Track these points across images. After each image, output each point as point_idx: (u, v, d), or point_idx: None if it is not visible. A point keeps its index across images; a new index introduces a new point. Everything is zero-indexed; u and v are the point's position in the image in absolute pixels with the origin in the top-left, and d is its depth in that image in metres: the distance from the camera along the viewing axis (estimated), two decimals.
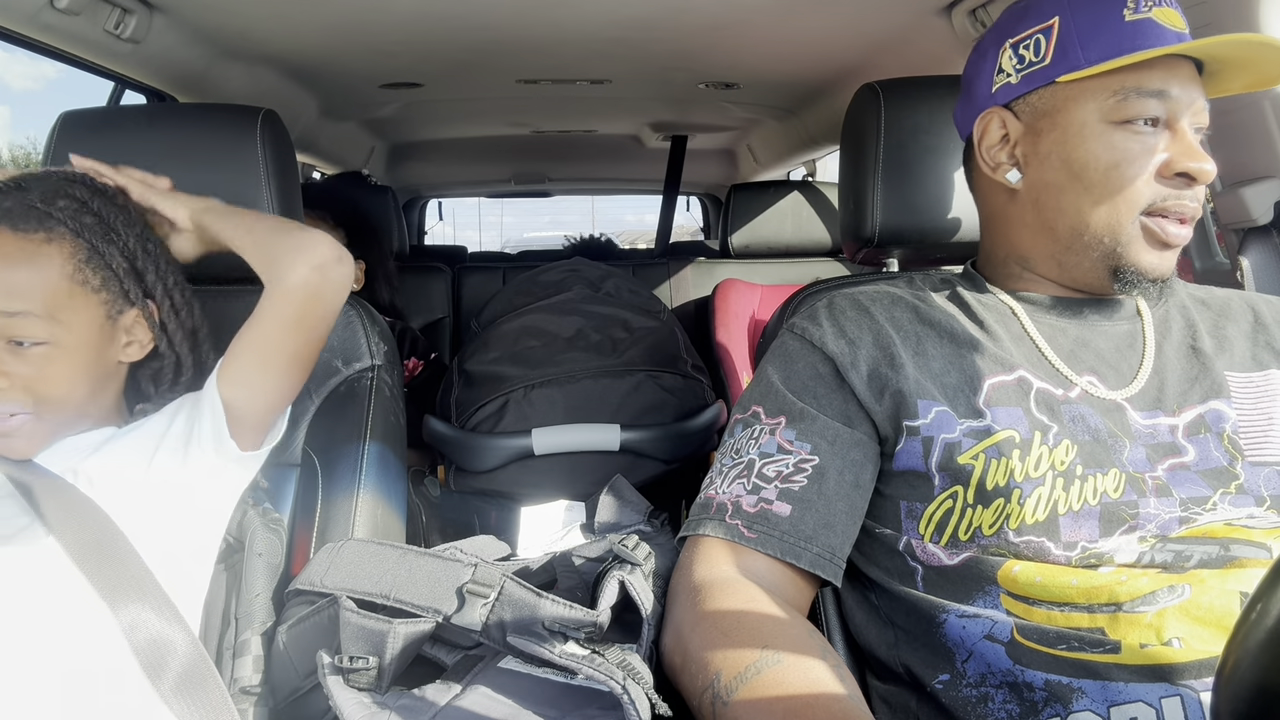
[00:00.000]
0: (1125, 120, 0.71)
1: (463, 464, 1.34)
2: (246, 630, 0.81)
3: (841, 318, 0.79)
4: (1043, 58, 0.74)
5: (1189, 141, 0.70)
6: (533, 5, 1.41)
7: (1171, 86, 0.71)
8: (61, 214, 0.77)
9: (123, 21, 1.28)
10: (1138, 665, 0.61)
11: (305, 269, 0.82)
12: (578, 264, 1.66)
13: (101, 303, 0.79)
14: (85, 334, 0.78)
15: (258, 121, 1.01)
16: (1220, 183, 1.14)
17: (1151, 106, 0.70)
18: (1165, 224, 0.71)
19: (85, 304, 0.78)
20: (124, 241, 0.81)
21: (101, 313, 0.79)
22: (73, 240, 0.77)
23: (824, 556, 0.71)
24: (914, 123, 1.01)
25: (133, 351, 0.83)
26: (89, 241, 0.78)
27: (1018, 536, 0.67)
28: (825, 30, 1.58)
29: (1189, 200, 0.71)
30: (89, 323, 0.78)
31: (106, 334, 0.80)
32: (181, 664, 0.69)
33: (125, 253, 0.81)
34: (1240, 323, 0.78)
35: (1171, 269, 0.73)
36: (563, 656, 0.65)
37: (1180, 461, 0.69)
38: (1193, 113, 0.72)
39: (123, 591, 0.70)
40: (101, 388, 0.82)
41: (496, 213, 22.66)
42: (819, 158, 2.81)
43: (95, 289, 0.79)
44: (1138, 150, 0.71)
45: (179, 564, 0.78)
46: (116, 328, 0.81)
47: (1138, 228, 0.72)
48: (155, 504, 0.78)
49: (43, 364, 0.75)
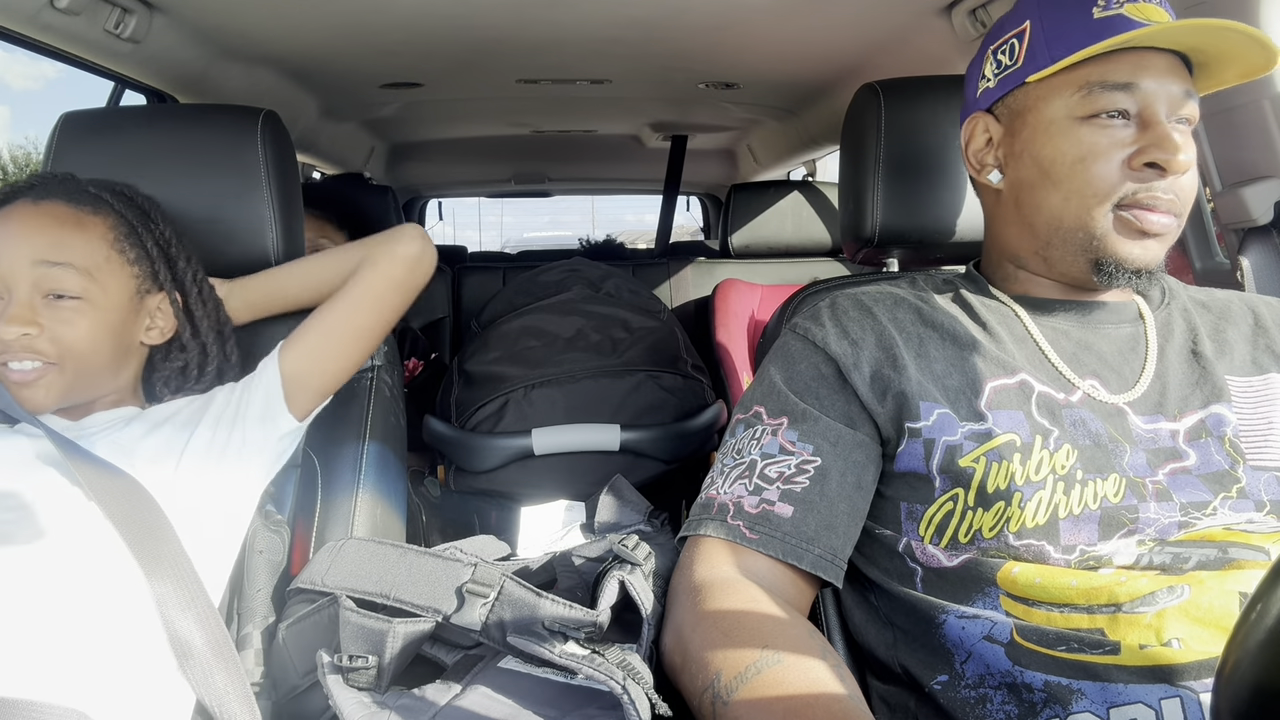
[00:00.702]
0: (1092, 115, 0.71)
1: (463, 464, 1.34)
2: (248, 624, 0.82)
3: (844, 318, 0.79)
4: (1016, 60, 0.76)
5: (1161, 132, 0.70)
6: (533, 5, 1.41)
7: (1141, 79, 0.71)
8: (109, 197, 0.87)
9: (123, 21, 1.28)
10: (1137, 666, 0.61)
11: (414, 239, 0.98)
12: (578, 264, 1.65)
13: (133, 276, 0.87)
14: (116, 299, 0.84)
15: (258, 122, 1.01)
16: (1220, 183, 1.14)
17: (1118, 99, 0.71)
18: (1141, 214, 0.71)
19: (120, 271, 0.85)
20: (160, 230, 0.90)
21: (132, 285, 0.87)
22: (115, 216, 0.87)
23: (825, 558, 0.71)
24: (914, 123, 1.01)
25: (154, 336, 0.90)
26: (129, 221, 0.87)
27: (1017, 540, 0.67)
28: (825, 30, 1.58)
29: (1161, 192, 0.70)
30: (120, 289, 0.85)
31: (134, 307, 0.87)
32: (206, 643, 0.70)
33: (160, 240, 0.90)
34: (1240, 326, 0.78)
35: (1155, 260, 0.73)
36: (563, 656, 0.65)
37: (1181, 466, 0.69)
38: (1170, 104, 0.71)
39: (161, 567, 0.71)
40: (121, 362, 0.87)
41: (496, 213, 22.68)
42: (819, 158, 2.81)
43: (130, 261, 0.86)
44: (1105, 144, 0.71)
45: (207, 545, 0.79)
46: (143, 306, 0.88)
47: (1111, 220, 0.72)
48: (187, 484, 0.80)
49: (74, 316, 0.81)
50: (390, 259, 0.96)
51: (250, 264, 1.02)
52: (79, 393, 0.83)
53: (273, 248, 1.01)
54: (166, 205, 0.95)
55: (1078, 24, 0.72)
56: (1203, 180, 1.20)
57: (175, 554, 0.72)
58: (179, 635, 0.69)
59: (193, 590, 0.71)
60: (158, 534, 0.73)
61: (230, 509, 0.84)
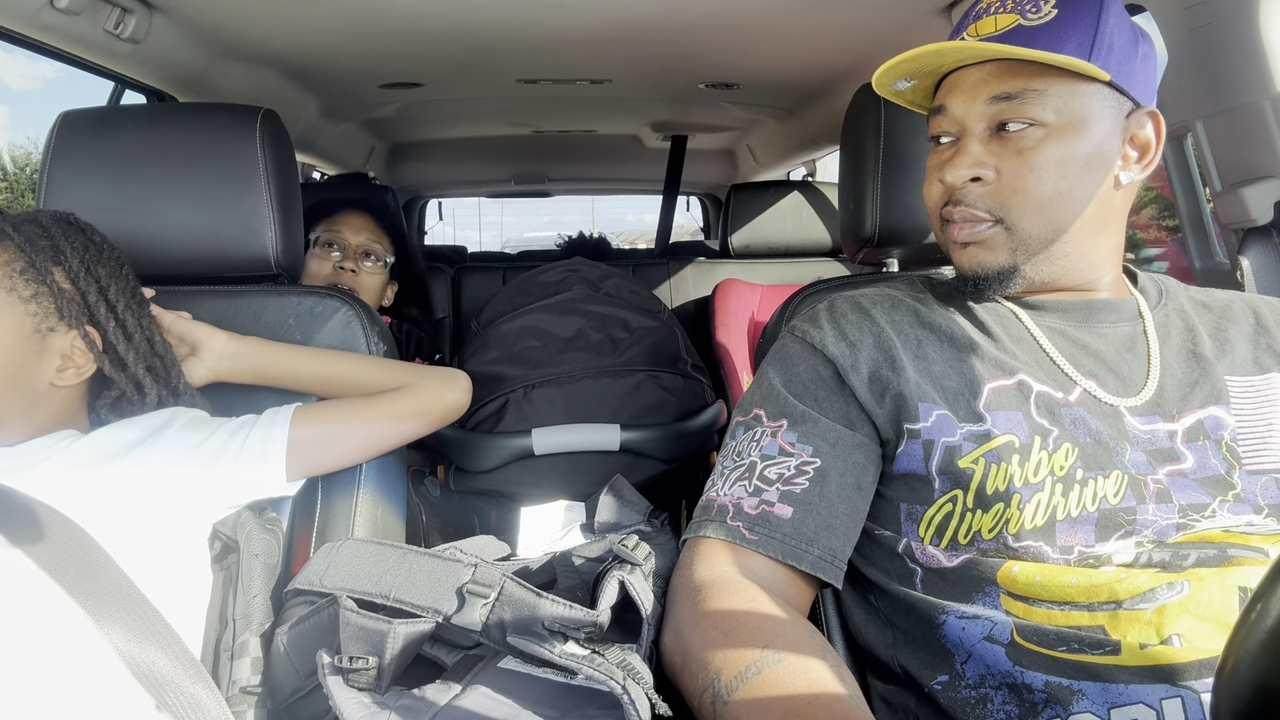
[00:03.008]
0: (933, 138, 0.78)
1: (463, 464, 1.33)
2: (245, 631, 0.81)
3: (842, 320, 0.79)
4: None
5: (954, 149, 0.75)
6: (533, 5, 1.41)
7: (949, 100, 0.75)
8: (15, 232, 0.81)
9: (123, 21, 1.28)
10: (1138, 666, 0.61)
11: (465, 391, 1.03)
12: (578, 264, 1.65)
13: (29, 314, 0.80)
14: (4, 338, 0.79)
15: (258, 121, 1.01)
16: (1220, 183, 1.14)
17: (939, 123, 0.77)
18: (949, 226, 0.77)
19: (9, 310, 0.79)
20: (69, 265, 0.83)
21: (28, 324, 0.80)
22: (14, 252, 0.80)
23: (825, 559, 0.71)
24: (914, 123, 1.01)
25: (68, 376, 0.83)
26: (29, 256, 0.81)
27: (1016, 541, 0.67)
28: (825, 30, 1.58)
29: (953, 203, 0.75)
30: (8, 328, 0.79)
31: (32, 348, 0.80)
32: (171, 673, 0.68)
33: (69, 275, 0.83)
34: (1242, 325, 0.78)
35: (988, 265, 0.75)
36: (563, 656, 0.65)
37: (1178, 469, 0.69)
38: (987, 116, 0.73)
39: (106, 604, 0.68)
40: (29, 402, 0.81)
41: (496, 213, 22.69)
42: (819, 158, 2.81)
43: (24, 299, 0.80)
44: (931, 166, 0.79)
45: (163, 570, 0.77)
46: (46, 346, 0.81)
47: (944, 234, 0.79)
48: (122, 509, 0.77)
49: None
50: (437, 401, 0.99)
51: (249, 264, 1.01)
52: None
53: (271, 247, 1.01)
54: (166, 205, 0.95)
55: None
56: (1203, 180, 1.20)
57: (119, 587, 0.69)
58: (144, 668, 0.67)
59: (147, 620, 0.69)
60: (95, 571, 0.69)
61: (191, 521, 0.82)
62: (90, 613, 0.67)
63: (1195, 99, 1.13)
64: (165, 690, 0.67)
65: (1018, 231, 0.74)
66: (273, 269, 1.02)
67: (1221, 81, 1.08)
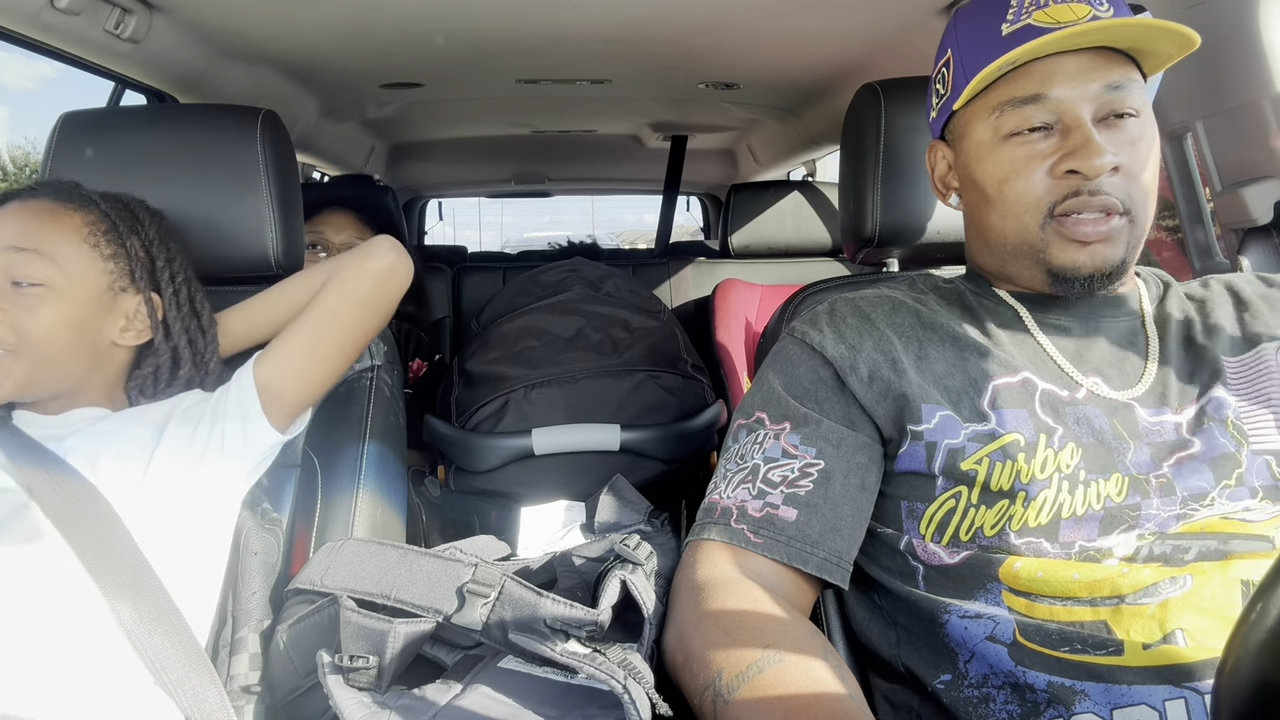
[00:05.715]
0: (1012, 133, 0.72)
1: (463, 464, 1.33)
2: (243, 628, 0.81)
3: (842, 324, 0.79)
4: (946, 89, 0.79)
5: (1078, 138, 0.69)
6: (533, 5, 1.41)
7: (1049, 88, 0.71)
8: (97, 197, 0.87)
9: (123, 21, 1.28)
10: (1141, 667, 0.61)
11: (385, 253, 0.95)
12: (578, 264, 1.65)
13: (106, 271, 0.85)
14: (82, 289, 0.83)
15: (258, 122, 1.01)
16: (1220, 183, 1.14)
17: (1030, 113, 0.71)
18: (1072, 222, 0.71)
19: (90, 264, 0.84)
20: (146, 234, 0.89)
21: (104, 280, 0.85)
22: (98, 213, 0.86)
23: (831, 561, 0.71)
24: (914, 123, 1.01)
25: (129, 337, 0.88)
26: (111, 219, 0.87)
27: (1019, 538, 0.67)
28: (825, 30, 1.58)
29: (1088, 194, 0.70)
30: (88, 281, 0.84)
31: (104, 303, 0.85)
32: (179, 659, 0.69)
33: (144, 242, 0.89)
34: (1224, 305, 0.78)
35: (1105, 263, 0.71)
36: (564, 655, 0.65)
37: (1189, 454, 0.69)
38: (1096, 103, 0.71)
39: (120, 585, 0.70)
40: (91, 359, 0.85)
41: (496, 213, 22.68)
42: (819, 158, 2.81)
43: (105, 256, 0.85)
44: (1025, 158, 0.72)
45: (184, 553, 0.78)
46: (116, 304, 0.87)
47: (1050, 231, 0.72)
48: (156, 491, 0.79)
49: (35, 303, 0.80)
50: (358, 276, 0.93)
51: (250, 264, 1.01)
52: (40, 384, 0.81)
53: (272, 247, 1.01)
54: (166, 205, 0.95)
55: (988, 45, 0.73)
56: (1203, 180, 1.20)
57: (136, 570, 0.71)
58: (147, 647, 0.69)
59: (159, 605, 0.70)
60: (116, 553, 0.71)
61: (209, 508, 0.83)
62: (101, 586, 0.69)
63: (1195, 99, 1.13)
64: (166, 672, 0.69)
65: (1138, 224, 0.72)
66: (273, 269, 1.02)
67: (1221, 82, 1.08)
